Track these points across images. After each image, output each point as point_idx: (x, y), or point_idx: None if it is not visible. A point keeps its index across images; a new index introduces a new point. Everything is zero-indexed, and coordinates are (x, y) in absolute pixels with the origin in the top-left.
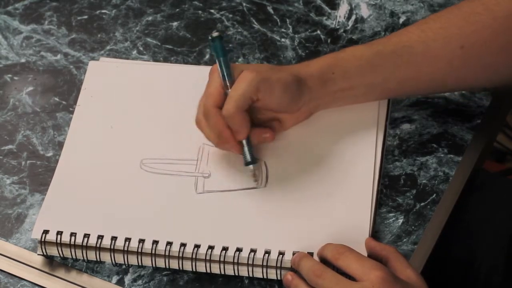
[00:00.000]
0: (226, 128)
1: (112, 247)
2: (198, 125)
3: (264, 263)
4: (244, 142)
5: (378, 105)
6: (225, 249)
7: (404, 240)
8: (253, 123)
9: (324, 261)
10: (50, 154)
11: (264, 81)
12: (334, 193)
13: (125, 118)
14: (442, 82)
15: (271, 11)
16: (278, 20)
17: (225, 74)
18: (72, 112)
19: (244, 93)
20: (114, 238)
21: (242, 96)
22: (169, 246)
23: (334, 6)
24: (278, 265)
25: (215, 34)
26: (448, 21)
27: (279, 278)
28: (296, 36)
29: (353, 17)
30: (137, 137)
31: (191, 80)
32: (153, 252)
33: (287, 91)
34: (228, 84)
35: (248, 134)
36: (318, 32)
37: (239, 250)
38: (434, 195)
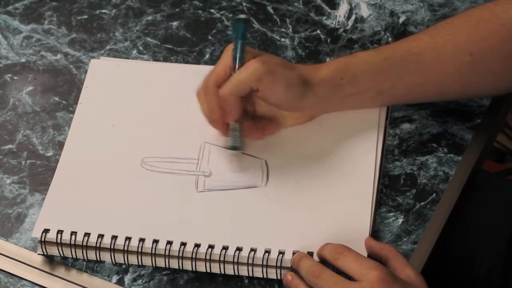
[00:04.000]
0: (219, 108)
1: (112, 246)
2: (198, 97)
3: (264, 263)
4: (235, 127)
5: None
6: (225, 248)
7: (404, 239)
8: (254, 114)
9: (323, 261)
10: (50, 153)
11: (269, 73)
12: (334, 192)
13: (126, 116)
14: (450, 88)
15: (271, 10)
16: (278, 20)
17: (237, 57)
18: (72, 112)
19: (244, 80)
20: (114, 237)
21: (241, 82)
22: (169, 245)
23: (334, 5)
24: (278, 264)
25: (242, 16)
26: (458, 28)
27: (279, 277)
28: (296, 35)
29: (353, 17)
30: (138, 135)
31: (193, 79)
32: (153, 252)
33: (290, 89)
34: (236, 67)
35: (239, 120)
36: (318, 31)
37: (239, 249)
38: (434, 194)
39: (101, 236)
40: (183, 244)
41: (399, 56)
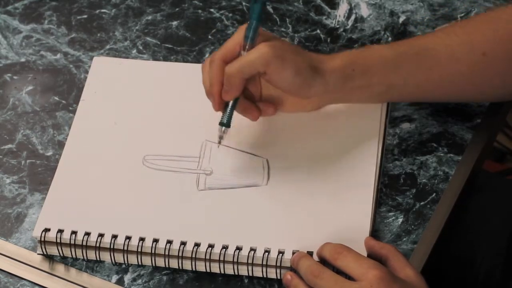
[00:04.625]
0: (219, 83)
1: (112, 246)
2: (202, 68)
3: (264, 262)
4: (229, 103)
5: (380, 105)
6: (225, 247)
7: (404, 239)
8: (259, 95)
9: (323, 260)
10: (49, 153)
11: (277, 58)
12: (334, 192)
13: (128, 114)
14: (461, 88)
15: (271, 10)
16: (278, 20)
17: (249, 37)
18: (72, 111)
19: (252, 63)
20: (114, 237)
21: (249, 64)
22: (169, 245)
23: (334, 5)
24: (278, 264)
25: None
26: (473, 27)
27: (279, 277)
28: (296, 35)
29: (353, 17)
30: (140, 133)
31: (195, 78)
32: (153, 251)
33: (298, 76)
34: (247, 47)
35: (236, 98)
36: (318, 31)
37: (239, 248)
38: (434, 194)
39: (101, 235)
40: (183, 243)
41: (414, 52)
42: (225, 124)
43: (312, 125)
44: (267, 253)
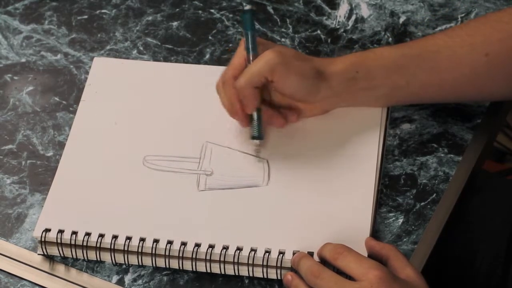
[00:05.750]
0: (238, 101)
1: (112, 246)
2: (217, 91)
3: (265, 263)
4: (254, 116)
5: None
6: (225, 248)
7: (404, 239)
8: (271, 104)
9: (324, 261)
10: (50, 154)
11: (283, 64)
12: (335, 192)
13: (129, 115)
14: (465, 89)
15: (271, 11)
16: (278, 20)
17: (249, 48)
18: (72, 112)
19: (258, 71)
20: (115, 237)
21: (255, 73)
22: (169, 245)
23: (334, 6)
24: (278, 264)
25: (247, 7)
26: (475, 28)
27: (279, 277)
28: (296, 36)
29: (353, 17)
30: (141, 134)
31: (196, 79)
32: (153, 252)
33: (303, 81)
34: (250, 58)
35: (258, 110)
36: (318, 32)
37: (239, 249)
38: (434, 194)
39: (101, 235)
40: (184, 244)
41: (416, 53)
42: (257, 137)
43: (312, 126)
44: (267, 254)
